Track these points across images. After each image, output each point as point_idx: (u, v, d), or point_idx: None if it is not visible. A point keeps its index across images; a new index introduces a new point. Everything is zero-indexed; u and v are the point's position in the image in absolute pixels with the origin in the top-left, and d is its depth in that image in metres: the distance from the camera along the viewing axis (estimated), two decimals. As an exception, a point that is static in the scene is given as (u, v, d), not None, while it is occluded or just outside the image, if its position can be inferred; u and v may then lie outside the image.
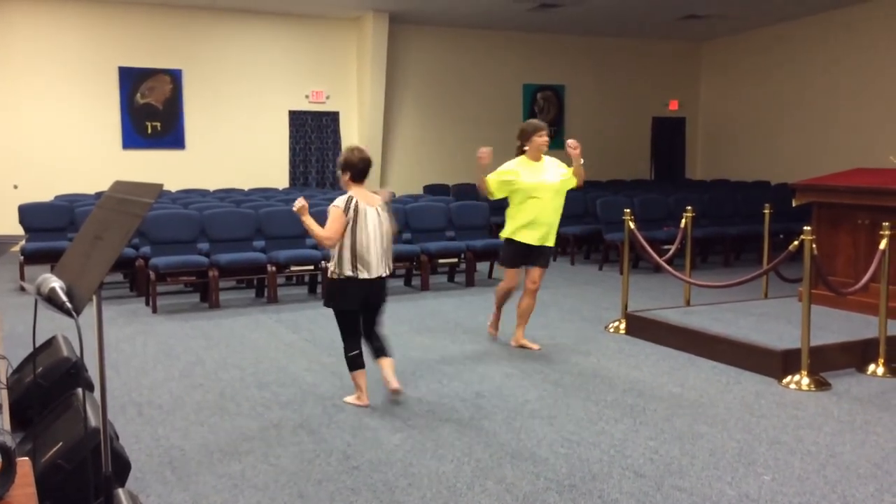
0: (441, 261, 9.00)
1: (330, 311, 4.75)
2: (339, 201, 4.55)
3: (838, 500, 3.38)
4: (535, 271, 5.87)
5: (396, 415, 4.52)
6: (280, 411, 4.60)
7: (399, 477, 3.65)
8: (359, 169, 4.65)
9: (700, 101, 17.36)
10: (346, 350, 4.72)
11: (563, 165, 5.85)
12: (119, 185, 2.76)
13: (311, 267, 8.17)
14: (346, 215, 4.53)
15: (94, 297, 2.40)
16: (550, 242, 5.85)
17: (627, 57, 16.51)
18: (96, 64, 12.64)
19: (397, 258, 8.62)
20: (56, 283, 2.35)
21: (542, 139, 5.76)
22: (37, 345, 3.76)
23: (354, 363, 4.70)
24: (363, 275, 4.56)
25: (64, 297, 2.32)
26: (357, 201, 4.57)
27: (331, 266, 4.67)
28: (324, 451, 3.98)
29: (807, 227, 5.15)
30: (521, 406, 4.66)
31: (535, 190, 5.69)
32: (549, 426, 4.31)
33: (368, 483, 3.58)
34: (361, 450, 3.98)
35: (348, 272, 4.55)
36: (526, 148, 5.81)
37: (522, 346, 6.01)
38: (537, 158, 5.79)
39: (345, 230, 4.53)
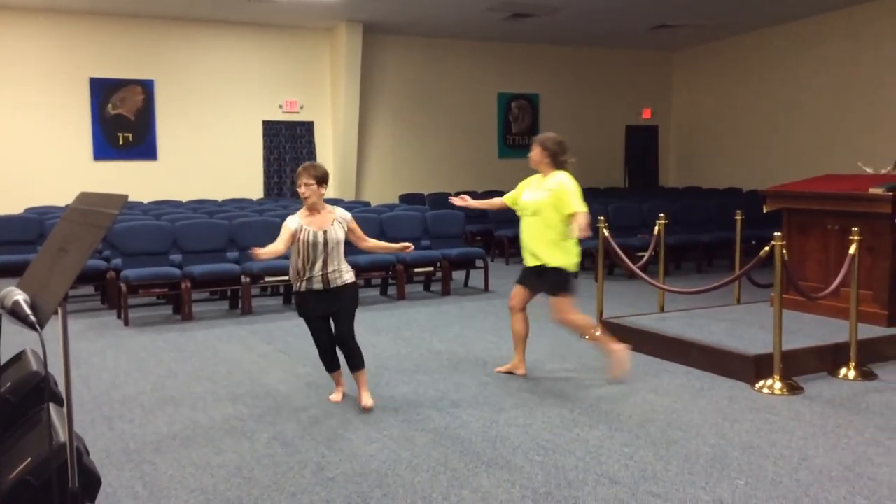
0: (417, 270, 9.00)
1: (301, 322, 5.01)
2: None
3: (811, 504, 3.41)
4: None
5: (371, 425, 4.49)
6: (253, 424, 4.56)
7: (374, 488, 3.62)
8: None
9: (672, 110, 17.53)
10: None
11: (562, 186, 5.30)
12: (84, 197, 2.72)
13: (286, 278, 8.11)
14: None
15: (60, 310, 2.37)
16: (538, 263, 5.44)
17: (600, 66, 16.63)
18: (67, 74, 12.50)
19: (373, 266, 8.68)
20: (20, 296, 2.32)
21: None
22: (4, 359, 3.70)
23: None
24: None
25: (28, 310, 2.28)
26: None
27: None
28: (298, 462, 3.95)
29: (777, 233, 5.20)
30: (496, 414, 4.65)
31: (522, 208, 5.42)
32: (524, 434, 4.30)
33: (343, 494, 3.55)
34: (336, 461, 3.95)
35: None
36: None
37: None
38: (544, 174, 5.46)
39: None
